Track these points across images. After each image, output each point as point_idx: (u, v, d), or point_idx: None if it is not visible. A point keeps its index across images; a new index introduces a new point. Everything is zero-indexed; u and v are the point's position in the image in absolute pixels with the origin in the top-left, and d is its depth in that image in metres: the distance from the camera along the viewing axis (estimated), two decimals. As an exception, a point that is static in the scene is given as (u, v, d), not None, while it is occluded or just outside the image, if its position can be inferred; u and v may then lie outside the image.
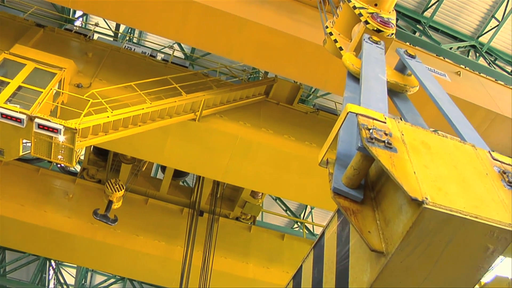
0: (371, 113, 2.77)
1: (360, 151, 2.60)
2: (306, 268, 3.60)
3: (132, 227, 14.28)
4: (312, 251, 3.55)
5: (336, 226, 3.24)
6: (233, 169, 11.77)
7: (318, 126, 12.86)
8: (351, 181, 2.74)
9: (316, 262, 3.41)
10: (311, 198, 12.91)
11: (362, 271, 2.71)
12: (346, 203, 2.71)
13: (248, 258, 15.02)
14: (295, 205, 22.38)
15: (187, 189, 16.11)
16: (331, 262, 3.14)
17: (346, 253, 2.94)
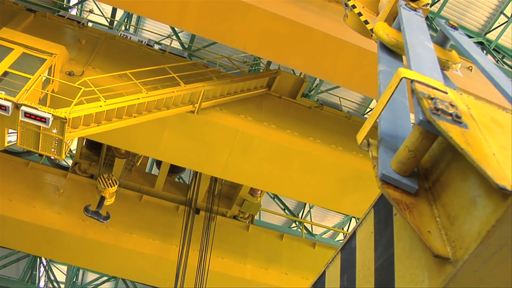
0: (429, 80, 2.19)
1: (420, 126, 2.00)
2: (331, 275, 3.00)
3: (125, 224, 13.66)
4: (339, 255, 2.96)
5: (372, 224, 2.64)
6: (232, 165, 11.17)
7: (323, 122, 12.29)
8: (404, 166, 2.14)
9: (345, 268, 2.82)
10: (315, 197, 12.32)
11: (415, 282, 2.12)
12: (397, 194, 2.12)
13: (246, 258, 14.43)
14: (293, 204, 21.83)
15: (183, 186, 15.49)
16: (367, 269, 2.54)
17: (390, 258, 2.35)
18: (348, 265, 2.78)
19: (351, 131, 12.65)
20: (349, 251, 2.82)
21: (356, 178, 11.70)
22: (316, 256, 15.61)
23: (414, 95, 2.09)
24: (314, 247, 15.75)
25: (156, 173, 15.20)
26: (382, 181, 2.14)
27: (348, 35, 9.59)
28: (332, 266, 3.02)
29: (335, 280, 2.89)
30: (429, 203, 2.15)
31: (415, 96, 2.08)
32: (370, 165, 8.59)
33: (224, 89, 10.87)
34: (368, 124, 2.38)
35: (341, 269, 2.86)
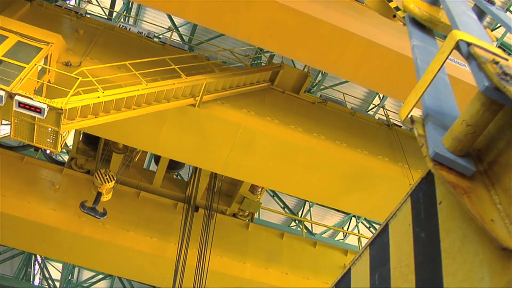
0: (487, 46, 1.87)
1: (484, 94, 1.68)
2: (358, 274, 2.67)
3: (122, 221, 13.30)
4: (368, 251, 2.62)
5: (410, 215, 2.31)
6: (234, 161, 10.84)
7: (326, 118, 11.97)
8: (460, 144, 1.82)
9: (376, 265, 2.49)
10: (318, 194, 11.99)
11: (471, 281, 1.80)
12: (452, 177, 1.80)
13: (246, 257, 14.09)
14: (293, 202, 21.54)
15: (182, 183, 15.15)
16: (405, 266, 2.22)
17: (435, 253, 2.03)
18: (380, 262, 2.45)
19: (355, 127, 12.36)
20: (381, 246, 2.49)
21: (361, 176, 11.39)
22: (317, 255, 15.29)
23: (473, 61, 1.77)
24: (315, 246, 15.43)
25: (154, 169, 14.87)
26: (434, 161, 1.81)
27: (356, 27, 9.29)
28: (359, 264, 2.69)
29: (364, 279, 2.56)
30: (486, 188, 1.83)
31: (474, 61, 1.76)
32: (376, 162, 8.34)
33: (226, 82, 10.54)
34: (413, 97, 2.05)
35: (371, 267, 2.53)
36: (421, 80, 2.09)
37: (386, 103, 16.72)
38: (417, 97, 2.05)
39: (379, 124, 13.11)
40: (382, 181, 11.48)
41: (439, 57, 1.98)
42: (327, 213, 22.08)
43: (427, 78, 2.03)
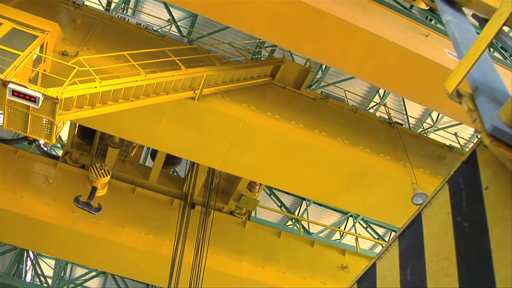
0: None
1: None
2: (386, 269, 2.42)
3: (117, 217, 13.02)
4: (397, 243, 2.38)
5: (448, 203, 2.07)
6: (233, 156, 10.58)
7: (328, 114, 11.76)
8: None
9: (408, 259, 2.24)
10: (318, 192, 11.75)
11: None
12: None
13: (242, 256, 13.84)
14: (290, 201, 21.31)
15: (179, 179, 14.89)
16: (445, 260, 1.98)
17: (482, 244, 1.79)
18: (412, 255, 2.21)
19: (357, 125, 12.15)
20: (413, 238, 2.24)
21: (362, 174, 11.17)
22: (315, 255, 15.06)
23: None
24: (312, 245, 15.21)
25: (150, 165, 14.60)
26: (491, 137, 1.57)
27: (361, 21, 9.06)
28: (387, 258, 2.44)
29: (392, 274, 2.31)
30: (549, 169, 1.60)
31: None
32: (377, 160, 7.99)
33: (227, 75, 10.28)
34: (463, 68, 1.81)
35: (401, 261, 2.29)
36: (472, 48, 1.85)
37: (387, 101, 16.50)
38: (468, 67, 1.81)
39: (381, 122, 12.90)
40: (384, 180, 11.26)
41: (495, 21, 1.74)
42: (324, 213, 21.85)
43: (480, 45, 1.79)
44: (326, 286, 14.40)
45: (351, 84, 17.04)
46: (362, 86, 17.69)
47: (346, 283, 14.88)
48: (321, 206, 21.82)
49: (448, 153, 13.31)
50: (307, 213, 20.73)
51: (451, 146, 13.61)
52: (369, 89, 17.92)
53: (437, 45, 10.58)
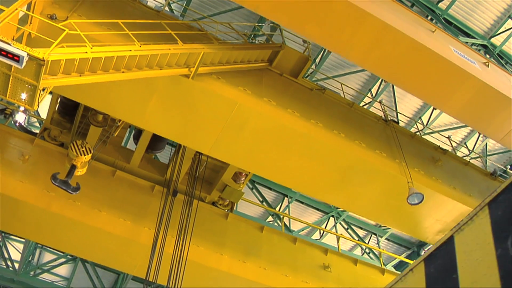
0: None
1: None
2: (471, 242, 1.91)
3: (95, 200, 12.33)
4: (487, 211, 1.88)
5: None
6: (224, 142, 10.04)
7: (324, 106, 11.31)
8: None
9: (506, 227, 1.74)
10: (310, 186, 11.27)
11: None
12: None
13: (223, 248, 13.28)
14: (271, 197, 20.87)
15: (161, 165, 14.27)
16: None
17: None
18: None
19: (353, 119, 11.75)
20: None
21: (357, 169, 10.76)
22: (297, 252, 14.62)
23: None
24: (295, 243, 14.76)
25: (132, 148, 13.97)
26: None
27: (372, 8, 8.62)
28: (470, 230, 1.94)
29: (483, 248, 1.82)
30: None
31: None
32: (373, 157, 7.38)
33: (224, 55, 9.73)
34: None
35: (495, 231, 1.79)
36: None
37: (379, 100, 16.13)
38: None
39: (376, 118, 12.52)
40: (378, 177, 10.87)
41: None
42: (305, 211, 21.46)
43: None
44: (307, 285, 13.97)
45: (347, 79, 16.69)
46: (355, 84, 17.34)
47: (328, 283, 14.48)
48: (303, 204, 21.44)
49: (442, 155, 13.00)
50: (288, 210, 20.30)
51: (444, 149, 13.31)
52: (361, 87, 17.58)
53: (443, 41, 10.23)
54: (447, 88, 9.53)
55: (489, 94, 9.86)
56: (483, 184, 13.43)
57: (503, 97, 10.04)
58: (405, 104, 17.85)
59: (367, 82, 17.49)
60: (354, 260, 15.87)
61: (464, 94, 9.59)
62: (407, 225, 12.20)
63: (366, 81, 17.46)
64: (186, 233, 11.62)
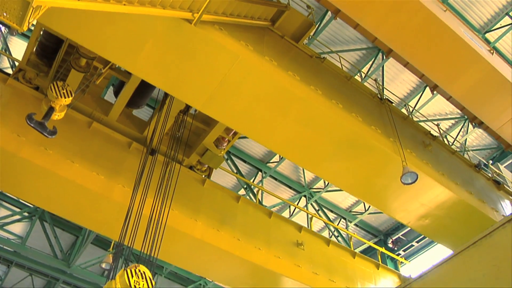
0: None
1: None
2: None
3: (68, 150, 11.51)
4: None
5: None
6: (219, 97, 9.43)
7: (323, 75, 10.90)
8: None
9: None
10: (302, 155, 10.78)
11: None
12: None
13: (198, 215, 12.72)
14: (245, 170, 20.47)
15: (141, 122, 13.54)
16: None
17: None
18: None
19: (350, 92, 11.40)
20: None
21: (351, 143, 10.39)
22: (271, 227, 14.26)
23: None
24: (270, 216, 14.40)
25: (112, 101, 13.21)
26: None
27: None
28: None
29: None
30: None
31: None
32: (368, 132, 6.75)
33: (230, 6, 9.09)
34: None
35: None
36: None
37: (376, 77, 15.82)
38: None
39: (372, 95, 12.18)
40: (372, 153, 10.53)
41: None
42: (278, 188, 21.16)
43: None
44: (279, 261, 13.62)
45: (344, 55, 16.30)
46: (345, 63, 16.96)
47: (300, 260, 14.18)
48: (276, 181, 21.15)
49: (432, 141, 12.80)
50: (262, 184, 19.93)
51: (434, 135, 13.13)
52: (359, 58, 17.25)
53: (454, 22, 9.90)
54: (457, 67, 9.25)
55: (496, 79, 9.65)
56: (467, 175, 13.33)
57: (508, 85, 9.82)
58: (392, 89, 17.60)
59: (357, 63, 17.15)
60: (327, 241, 15.65)
61: (472, 76, 9.34)
62: (391, 206, 11.95)
63: (357, 62, 17.11)
64: (167, 196, 10.93)
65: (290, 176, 21.29)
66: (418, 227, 12.42)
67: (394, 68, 17.65)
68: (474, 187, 12.85)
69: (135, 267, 7.90)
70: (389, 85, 17.59)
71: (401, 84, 18.12)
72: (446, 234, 12.68)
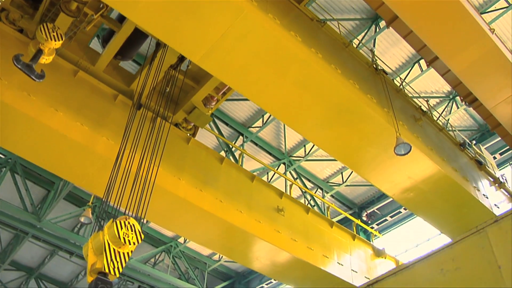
0: None
1: None
2: None
3: (52, 98, 11.04)
4: None
5: None
6: (219, 52, 9.09)
7: (323, 39, 10.62)
8: None
9: None
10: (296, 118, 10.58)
11: None
12: None
13: (181, 173, 12.47)
14: (227, 133, 20.26)
15: (128, 75, 13.10)
16: None
17: None
18: None
19: (347, 59, 11.22)
20: None
21: (347, 109, 10.30)
22: (253, 190, 14.19)
23: None
24: (252, 180, 14.31)
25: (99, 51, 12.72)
26: None
27: None
28: None
29: None
30: None
31: None
32: (364, 100, 6.59)
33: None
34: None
35: None
36: None
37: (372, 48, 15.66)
38: None
39: (368, 64, 12.05)
40: (366, 121, 10.46)
41: None
42: (258, 153, 21.07)
43: None
44: (260, 225, 13.59)
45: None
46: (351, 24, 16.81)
47: (280, 226, 14.18)
48: (257, 146, 21.02)
49: (422, 116, 12.82)
50: (243, 148, 19.80)
51: (423, 110, 13.15)
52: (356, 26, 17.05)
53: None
54: (461, 41, 9.15)
55: (496, 58, 9.63)
56: (453, 152, 13.45)
57: (508, 64, 9.81)
58: (381, 64, 17.52)
59: (347, 34, 16.97)
60: (307, 209, 15.70)
61: (475, 51, 9.27)
62: (378, 177, 11.96)
63: (347, 33, 16.93)
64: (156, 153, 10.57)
65: (271, 142, 21.19)
66: (402, 199, 12.50)
67: (386, 42, 17.56)
68: (459, 164, 12.98)
69: (125, 219, 7.63)
70: (380, 58, 17.50)
71: (390, 59, 18.07)
72: (428, 208, 12.82)
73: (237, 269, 29.89)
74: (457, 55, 9.36)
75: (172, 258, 25.91)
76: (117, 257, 7.63)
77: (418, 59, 18.08)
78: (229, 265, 29.57)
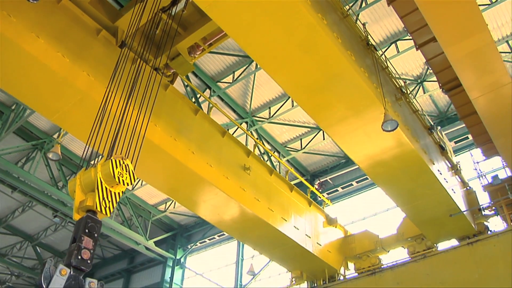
0: None
1: None
2: None
3: (34, 23, 10.35)
4: None
5: None
6: (229, 2, 8.82)
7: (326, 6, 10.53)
8: None
9: None
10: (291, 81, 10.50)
11: None
12: None
13: (157, 120, 12.19)
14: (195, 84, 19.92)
15: (114, 11, 12.48)
16: None
17: None
18: None
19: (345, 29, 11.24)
20: None
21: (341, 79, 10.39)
22: (223, 146, 14.20)
23: None
24: (223, 136, 14.27)
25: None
26: None
27: None
28: None
29: None
30: None
31: None
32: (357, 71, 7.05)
33: None
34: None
35: None
36: None
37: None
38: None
39: (361, 38, 12.12)
40: (355, 91, 10.64)
41: None
42: (223, 108, 20.88)
43: None
44: (227, 181, 13.62)
45: None
46: None
47: (245, 184, 14.29)
48: (222, 101, 20.84)
49: (402, 96, 13.13)
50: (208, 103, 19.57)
51: (403, 91, 13.46)
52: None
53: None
54: (462, 30, 9.34)
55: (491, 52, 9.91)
56: (423, 134, 13.92)
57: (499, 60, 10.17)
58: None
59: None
60: (270, 170, 15.87)
61: (474, 43, 9.51)
62: (354, 148, 12.19)
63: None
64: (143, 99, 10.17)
65: (237, 100, 21.05)
66: (372, 173, 12.85)
67: (368, 18, 17.66)
68: (427, 147, 13.46)
69: (121, 158, 7.37)
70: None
71: (376, 36, 18.25)
72: (393, 184, 13.26)
73: (180, 221, 29.98)
74: (455, 44, 9.57)
75: (118, 205, 25.53)
76: (108, 196, 7.36)
77: (395, 40, 18.38)
78: (173, 217, 29.59)
